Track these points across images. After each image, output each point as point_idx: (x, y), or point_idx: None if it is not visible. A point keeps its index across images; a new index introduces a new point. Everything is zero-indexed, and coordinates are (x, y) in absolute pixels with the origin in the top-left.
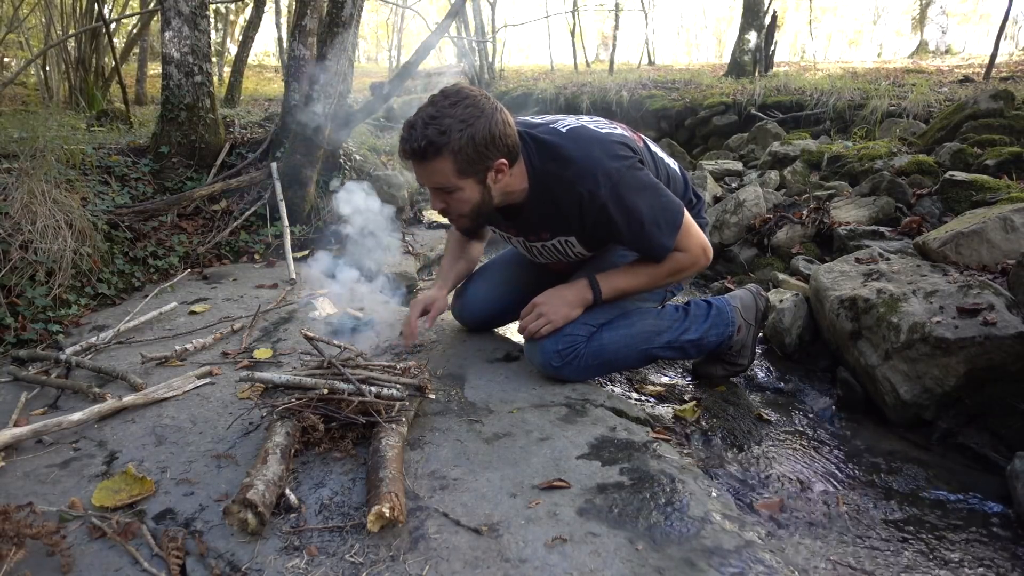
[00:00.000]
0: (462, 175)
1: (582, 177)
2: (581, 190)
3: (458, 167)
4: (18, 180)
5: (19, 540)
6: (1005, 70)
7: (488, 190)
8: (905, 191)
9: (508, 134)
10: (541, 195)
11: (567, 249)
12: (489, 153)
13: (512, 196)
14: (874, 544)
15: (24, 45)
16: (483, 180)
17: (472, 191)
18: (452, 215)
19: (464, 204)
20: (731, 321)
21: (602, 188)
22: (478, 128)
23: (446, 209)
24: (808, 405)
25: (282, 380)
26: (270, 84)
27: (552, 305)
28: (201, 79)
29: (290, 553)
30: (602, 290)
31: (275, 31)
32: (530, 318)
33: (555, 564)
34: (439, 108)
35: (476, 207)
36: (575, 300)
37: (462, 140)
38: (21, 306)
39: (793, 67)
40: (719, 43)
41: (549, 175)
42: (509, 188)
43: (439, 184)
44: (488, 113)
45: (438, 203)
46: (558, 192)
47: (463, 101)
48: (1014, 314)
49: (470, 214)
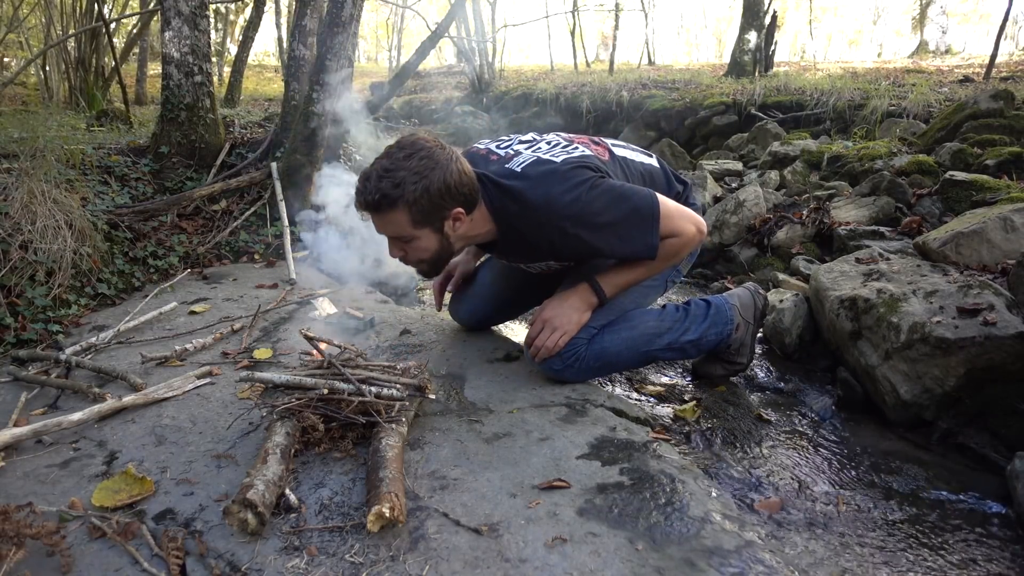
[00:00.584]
0: (418, 225)
1: (547, 221)
2: (549, 231)
3: (413, 218)
4: (18, 180)
5: (19, 540)
6: (1005, 70)
7: (446, 238)
8: (905, 191)
9: (464, 183)
10: (509, 234)
11: (549, 268)
12: (445, 203)
13: (478, 238)
14: (874, 544)
15: (24, 45)
16: (440, 229)
17: (429, 240)
18: (411, 262)
19: (422, 252)
20: (730, 320)
21: (568, 225)
22: (432, 180)
23: (405, 257)
24: (808, 405)
25: (282, 380)
26: (270, 84)
27: (562, 317)
28: (201, 79)
29: (290, 553)
30: (605, 291)
31: (275, 31)
32: (543, 335)
33: (555, 564)
34: (394, 160)
35: (434, 255)
36: (582, 306)
37: (416, 192)
38: (21, 306)
39: (793, 67)
40: (719, 43)
41: (513, 217)
42: (471, 232)
43: (396, 234)
44: (443, 164)
45: (396, 251)
46: (526, 232)
47: (418, 153)
48: (1014, 314)
49: (429, 260)
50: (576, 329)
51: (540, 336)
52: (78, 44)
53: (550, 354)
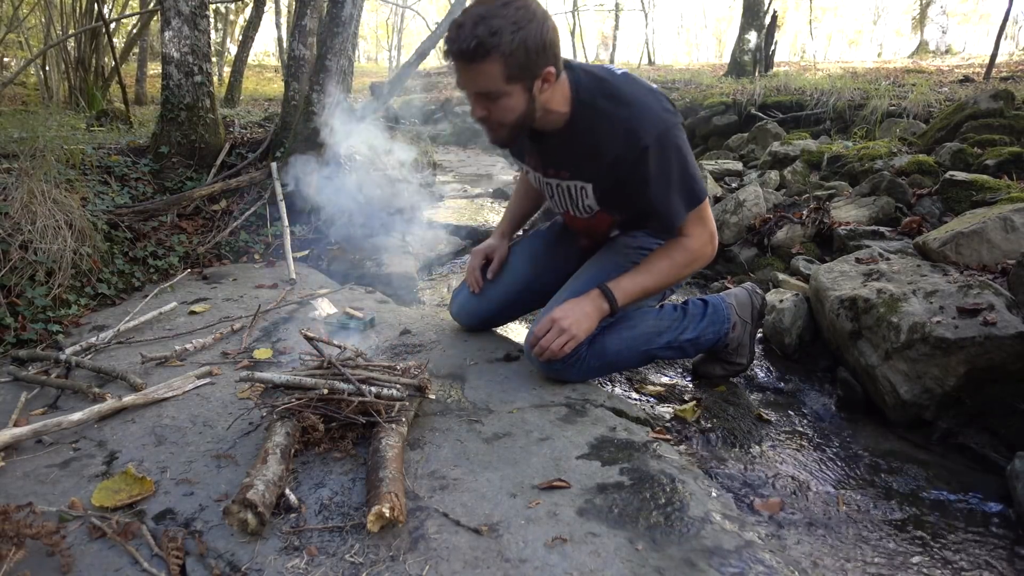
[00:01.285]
0: (511, 80)
1: (633, 119)
2: (629, 130)
3: (507, 71)
4: (18, 180)
5: (19, 540)
6: (1005, 70)
7: (533, 100)
8: (905, 191)
9: (556, 43)
10: (580, 127)
11: (579, 198)
12: (539, 60)
13: (550, 118)
14: (874, 544)
15: (24, 45)
16: (530, 88)
17: (518, 99)
18: (492, 124)
19: (507, 113)
20: (727, 319)
21: (649, 134)
22: (530, 32)
23: (486, 118)
24: (808, 405)
25: (282, 380)
26: (270, 84)
27: (572, 321)
28: (201, 79)
29: (290, 553)
30: (616, 297)
31: (275, 31)
32: (550, 336)
33: (555, 564)
34: (489, 8)
35: (518, 118)
36: (594, 314)
37: (513, 43)
38: (21, 306)
39: (793, 67)
40: (719, 43)
41: (598, 110)
42: (550, 105)
43: (484, 89)
44: (540, 18)
45: (479, 111)
46: (602, 128)
47: (514, 2)
48: (1014, 314)
49: (511, 124)
50: (584, 337)
51: (548, 336)
52: (78, 44)
53: (554, 357)
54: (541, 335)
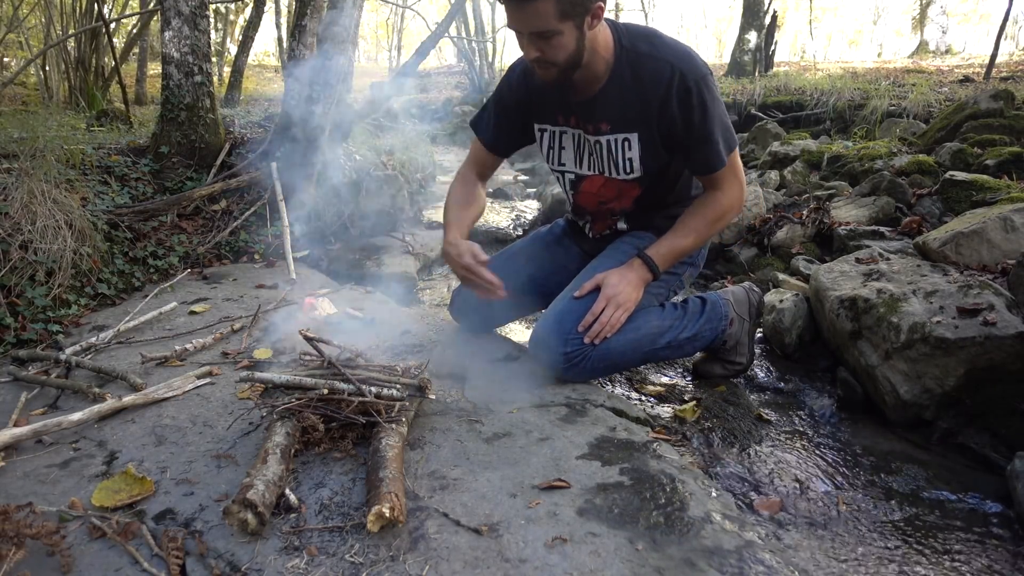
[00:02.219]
0: (563, 18)
1: (678, 60)
2: (675, 70)
3: (560, 8)
4: (18, 180)
5: (19, 540)
6: (1005, 70)
7: (583, 38)
8: (905, 191)
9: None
10: (625, 73)
11: (620, 152)
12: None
13: (594, 65)
14: (874, 544)
15: (24, 45)
16: (581, 26)
17: (570, 37)
18: (544, 64)
19: (560, 51)
20: (724, 315)
21: (694, 74)
22: None
23: (540, 59)
24: (808, 405)
25: (282, 380)
26: (270, 84)
27: (624, 294)
28: (201, 79)
29: (290, 553)
30: (657, 264)
31: (275, 31)
32: (607, 312)
33: (555, 564)
34: None
35: (570, 57)
36: (639, 283)
37: None
38: (21, 306)
39: (793, 67)
40: (719, 43)
41: (641, 54)
42: (597, 46)
43: (538, 28)
44: None
45: (533, 51)
46: (647, 71)
47: None
48: (1014, 314)
49: (562, 63)
50: (633, 307)
51: (604, 313)
52: (78, 44)
53: (612, 331)
54: (598, 313)
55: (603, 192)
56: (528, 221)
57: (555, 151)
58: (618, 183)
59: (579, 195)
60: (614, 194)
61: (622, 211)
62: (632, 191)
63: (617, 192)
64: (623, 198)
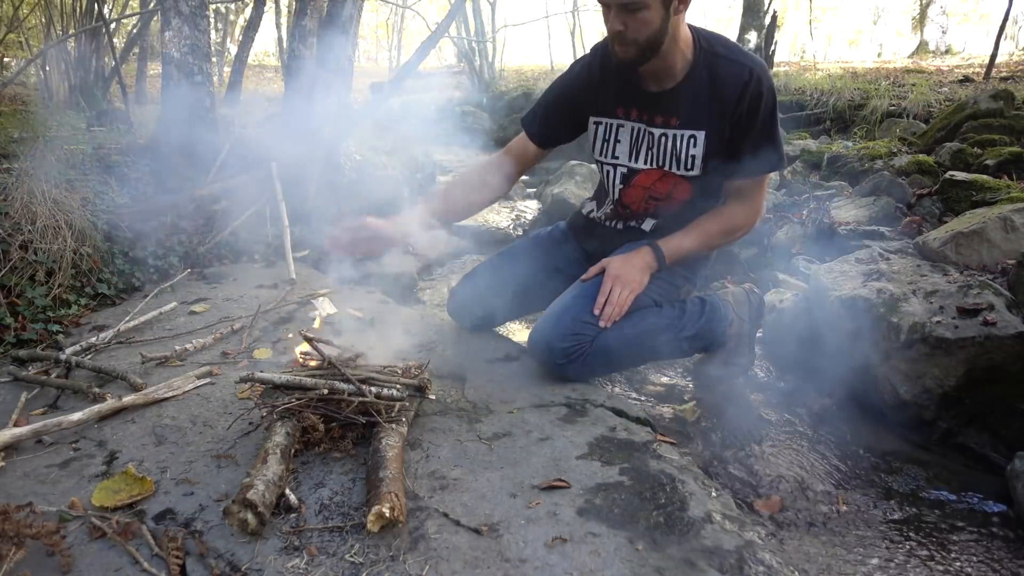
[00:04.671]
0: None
1: (754, 67)
2: (752, 76)
3: None
4: (18, 180)
5: (19, 540)
6: (1005, 70)
7: (667, 20)
8: (905, 191)
9: None
10: (704, 73)
11: (683, 148)
12: None
13: (672, 55)
14: (874, 544)
15: (24, 45)
16: (668, 6)
17: (656, 13)
18: (626, 40)
19: (644, 27)
20: (724, 316)
21: (766, 83)
22: None
23: (622, 32)
24: (808, 405)
25: (282, 380)
26: (270, 84)
27: (628, 275)
28: (201, 79)
29: (290, 553)
30: (665, 254)
31: (275, 31)
32: (613, 295)
33: (555, 564)
34: None
35: (652, 35)
36: (645, 268)
37: None
38: (21, 306)
39: (793, 67)
40: None
41: (719, 56)
42: (678, 35)
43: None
44: None
45: (617, 24)
46: (723, 72)
47: None
48: (1014, 314)
49: (643, 41)
50: (640, 289)
51: (612, 293)
52: (78, 44)
53: (621, 313)
54: (606, 295)
55: (657, 187)
56: (528, 221)
57: (609, 144)
58: (674, 180)
59: (629, 188)
60: (666, 191)
61: (662, 213)
62: (683, 194)
63: (670, 190)
64: (672, 200)
